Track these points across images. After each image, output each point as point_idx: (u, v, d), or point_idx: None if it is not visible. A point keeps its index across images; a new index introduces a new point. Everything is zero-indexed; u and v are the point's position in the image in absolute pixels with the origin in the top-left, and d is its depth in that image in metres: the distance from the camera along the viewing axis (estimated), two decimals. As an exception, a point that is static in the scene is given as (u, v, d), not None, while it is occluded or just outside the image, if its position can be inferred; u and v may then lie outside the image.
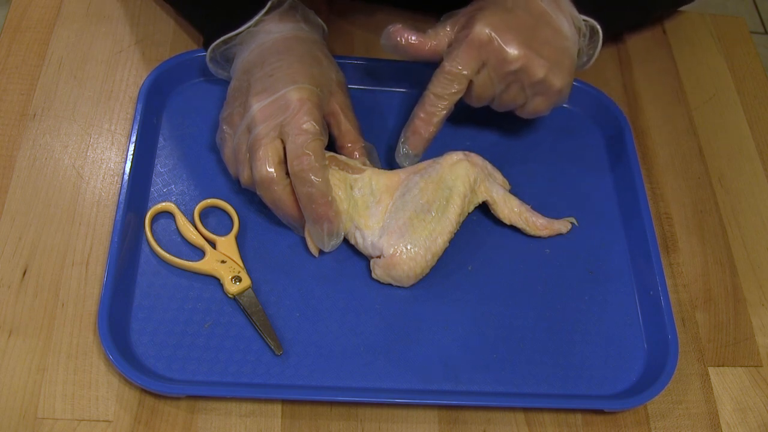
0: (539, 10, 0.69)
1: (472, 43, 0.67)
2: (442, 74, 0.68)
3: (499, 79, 0.69)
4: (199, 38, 0.79)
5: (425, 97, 0.69)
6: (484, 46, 0.67)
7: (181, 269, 0.68)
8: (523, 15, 0.69)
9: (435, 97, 0.69)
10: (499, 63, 0.68)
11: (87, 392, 0.62)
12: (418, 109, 0.70)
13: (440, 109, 0.69)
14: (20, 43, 0.79)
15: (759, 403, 0.69)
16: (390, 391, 0.64)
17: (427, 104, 0.69)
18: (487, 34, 0.67)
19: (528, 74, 0.68)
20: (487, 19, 0.67)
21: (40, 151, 0.73)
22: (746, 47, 0.92)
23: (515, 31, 0.68)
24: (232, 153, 0.68)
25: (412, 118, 0.70)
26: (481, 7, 0.69)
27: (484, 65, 0.68)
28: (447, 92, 0.69)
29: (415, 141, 0.70)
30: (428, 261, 0.68)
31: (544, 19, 0.69)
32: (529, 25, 0.68)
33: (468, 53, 0.67)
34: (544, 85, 0.69)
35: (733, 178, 0.82)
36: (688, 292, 0.74)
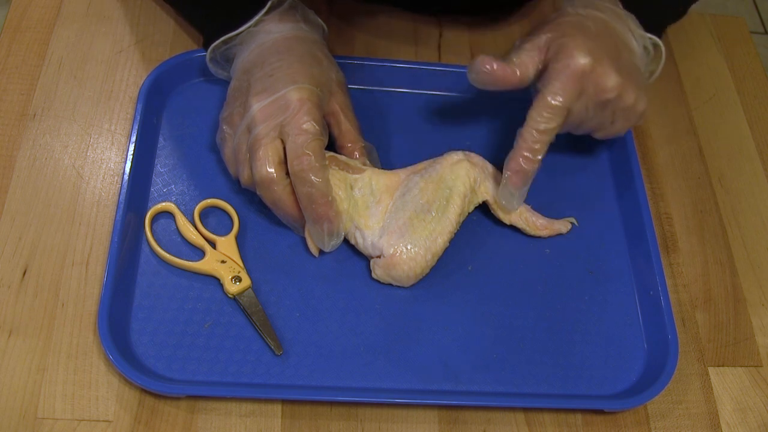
0: (615, 32, 0.69)
1: (575, 73, 0.65)
2: (544, 109, 0.66)
3: (593, 107, 0.68)
4: (199, 38, 0.79)
5: (525, 134, 0.67)
6: (585, 76, 0.65)
7: (181, 269, 0.68)
8: (607, 39, 0.67)
9: (538, 132, 0.66)
10: (598, 92, 0.66)
11: (87, 392, 0.62)
12: (520, 148, 0.67)
13: (543, 144, 0.67)
14: (20, 43, 0.79)
15: (759, 403, 0.69)
16: (390, 391, 0.64)
17: (530, 141, 0.66)
18: (590, 65, 0.65)
19: (622, 101, 0.68)
20: (584, 47, 0.65)
21: (40, 151, 0.73)
22: (746, 47, 0.92)
23: (609, 59, 0.66)
24: (232, 153, 0.68)
25: (515, 157, 0.67)
26: (566, 33, 0.67)
27: (582, 94, 0.66)
28: (550, 126, 0.66)
29: (518, 179, 0.68)
30: (428, 261, 0.68)
31: (622, 41, 0.69)
32: (615, 49, 0.67)
33: (571, 84, 0.65)
34: (632, 109, 0.69)
35: (733, 178, 0.82)
36: (688, 292, 0.74)
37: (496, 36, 0.88)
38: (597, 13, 0.69)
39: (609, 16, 0.70)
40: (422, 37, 0.87)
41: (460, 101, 0.81)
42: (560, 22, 0.69)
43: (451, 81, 0.81)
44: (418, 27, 0.87)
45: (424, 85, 0.81)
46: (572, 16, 0.69)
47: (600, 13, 0.70)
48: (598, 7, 0.70)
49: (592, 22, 0.68)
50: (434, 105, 0.81)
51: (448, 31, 0.88)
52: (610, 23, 0.69)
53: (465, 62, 0.84)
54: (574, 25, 0.68)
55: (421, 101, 0.81)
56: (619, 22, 0.70)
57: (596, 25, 0.68)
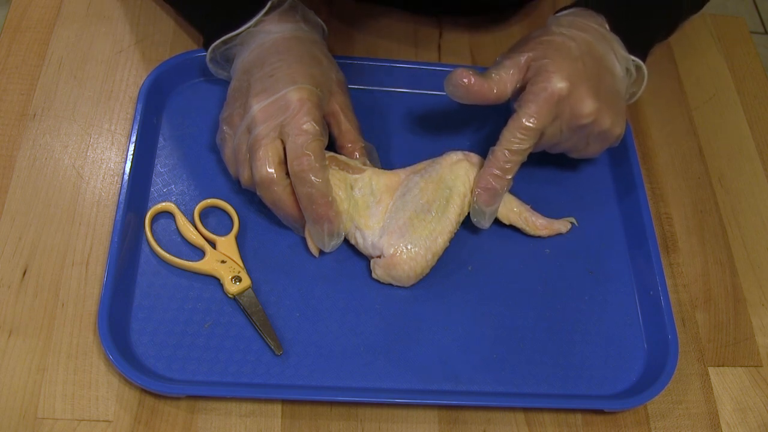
0: (599, 55, 0.68)
1: (551, 97, 0.65)
2: (517, 130, 0.65)
3: (568, 131, 0.68)
4: (199, 38, 0.79)
5: (498, 153, 0.66)
6: (562, 101, 0.65)
7: (181, 269, 0.68)
8: (589, 62, 0.67)
9: (509, 152, 0.66)
10: (573, 117, 0.66)
11: (87, 392, 0.62)
12: (490, 166, 0.67)
13: (513, 164, 0.67)
14: (20, 43, 0.79)
15: (759, 403, 0.69)
16: (390, 391, 0.64)
17: (501, 160, 0.66)
18: (567, 90, 0.65)
19: (597, 126, 0.68)
20: (563, 72, 0.65)
21: (40, 151, 0.73)
22: (746, 47, 0.93)
23: (587, 84, 0.66)
24: (232, 153, 0.68)
25: (485, 175, 0.67)
26: (547, 54, 0.67)
27: (556, 118, 0.66)
28: (522, 147, 0.66)
29: (487, 197, 0.68)
30: (428, 261, 0.68)
31: (603, 64, 0.68)
32: (595, 73, 0.67)
33: (546, 109, 0.65)
34: (607, 133, 0.69)
35: (733, 178, 0.82)
36: (688, 292, 0.74)
37: (496, 36, 0.88)
38: (581, 34, 0.68)
39: (593, 36, 0.69)
40: (422, 37, 0.87)
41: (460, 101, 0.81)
42: (543, 40, 0.68)
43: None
44: (418, 27, 0.87)
45: (424, 85, 0.81)
46: (556, 36, 0.68)
47: (584, 34, 0.69)
48: (583, 27, 0.69)
49: (575, 43, 0.68)
50: (434, 105, 0.81)
51: (448, 31, 0.88)
52: (593, 45, 0.68)
53: (465, 63, 0.85)
54: (556, 46, 0.67)
55: (421, 101, 0.81)
56: (603, 44, 0.69)
57: (579, 46, 0.67)
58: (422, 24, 0.88)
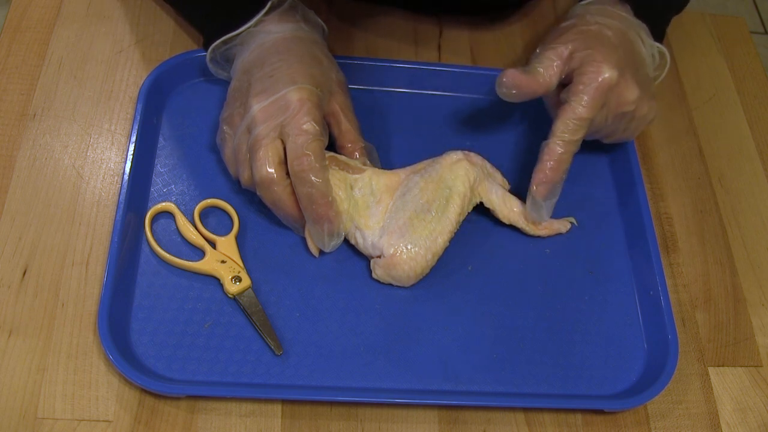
0: (631, 41, 0.70)
1: (602, 88, 0.66)
2: (571, 120, 0.67)
3: (613, 117, 0.69)
4: (199, 38, 0.79)
5: (553, 144, 0.67)
6: (611, 89, 0.67)
7: (181, 269, 0.68)
8: (627, 50, 0.69)
9: (564, 143, 0.67)
10: (619, 104, 0.68)
11: (87, 392, 0.62)
12: (547, 157, 0.68)
13: (569, 154, 0.68)
14: (20, 43, 0.79)
15: (759, 403, 0.69)
16: (390, 391, 0.64)
17: (556, 152, 0.67)
18: (617, 79, 0.66)
19: (638, 112, 0.70)
20: (611, 61, 0.67)
21: (40, 151, 0.73)
22: (746, 47, 0.92)
23: (630, 72, 0.68)
24: (232, 153, 0.68)
25: (542, 169, 0.68)
26: (590, 44, 0.68)
27: (604, 105, 0.68)
28: (576, 137, 0.67)
29: (545, 190, 0.69)
30: (428, 261, 0.68)
31: (636, 51, 0.70)
32: (633, 60, 0.69)
33: (598, 98, 0.66)
34: (644, 119, 0.71)
35: (733, 178, 0.82)
36: (688, 292, 0.74)
37: (496, 36, 0.88)
38: (614, 23, 0.70)
39: (624, 24, 0.71)
40: (422, 37, 0.87)
41: (460, 101, 0.81)
42: (581, 30, 0.69)
43: (451, 81, 0.81)
44: (418, 27, 0.87)
45: (424, 85, 0.81)
46: (593, 25, 0.70)
47: (617, 22, 0.70)
48: (613, 15, 0.71)
49: (611, 32, 0.69)
50: (434, 105, 0.81)
51: (448, 31, 0.88)
52: (625, 33, 0.70)
53: (465, 62, 0.85)
54: (595, 35, 0.69)
55: (421, 101, 0.81)
56: (632, 31, 0.71)
57: (615, 35, 0.69)
58: (422, 23, 0.88)
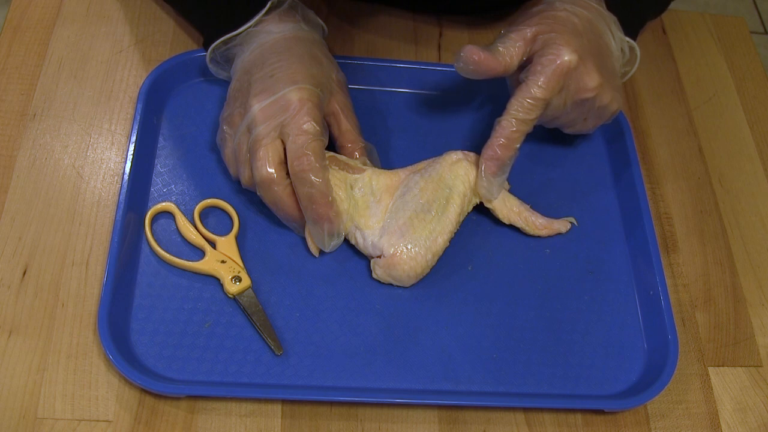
0: (598, 32, 0.70)
1: (561, 69, 0.66)
2: (525, 99, 0.67)
3: (571, 104, 0.69)
4: (199, 38, 0.79)
5: (505, 122, 0.67)
6: (569, 73, 0.66)
7: (181, 269, 0.68)
8: (593, 39, 0.69)
9: (517, 121, 0.67)
10: (578, 90, 0.68)
11: (87, 392, 0.62)
12: (497, 134, 0.68)
13: (520, 133, 0.68)
14: (20, 43, 0.79)
15: (759, 403, 0.69)
16: (390, 391, 0.64)
17: (508, 129, 0.67)
18: (576, 62, 0.66)
19: (598, 100, 0.69)
20: (572, 45, 0.66)
21: (40, 151, 0.73)
22: (746, 47, 0.93)
23: (593, 58, 0.68)
24: (232, 153, 0.68)
25: (492, 145, 0.68)
26: (555, 29, 0.68)
27: (562, 90, 0.68)
28: (529, 117, 0.67)
29: (494, 166, 0.68)
30: (428, 260, 0.68)
31: (604, 42, 0.70)
32: (598, 49, 0.69)
33: (555, 79, 0.66)
34: (605, 109, 0.71)
35: (733, 178, 0.82)
36: (688, 292, 0.74)
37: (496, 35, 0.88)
38: (583, 11, 0.70)
39: (593, 14, 0.70)
40: (422, 37, 0.87)
41: (460, 101, 0.81)
42: (548, 15, 0.69)
43: (451, 81, 0.81)
44: (418, 27, 0.87)
45: (424, 85, 0.81)
46: (560, 11, 0.70)
47: (585, 11, 0.70)
48: (584, 5, 0.71)
49: (578, 19, 0.69)
50: (434, 105, 0.81)
51: (448, 31, 0.88)
52: (594, 22, 0.70)
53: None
54: (562, 20, 0.69)
55: (421, 101, 0.81)
56: (602, 22, 0.71)
57: (583, 23, 0.69)
58: (422, 23, 0.88)
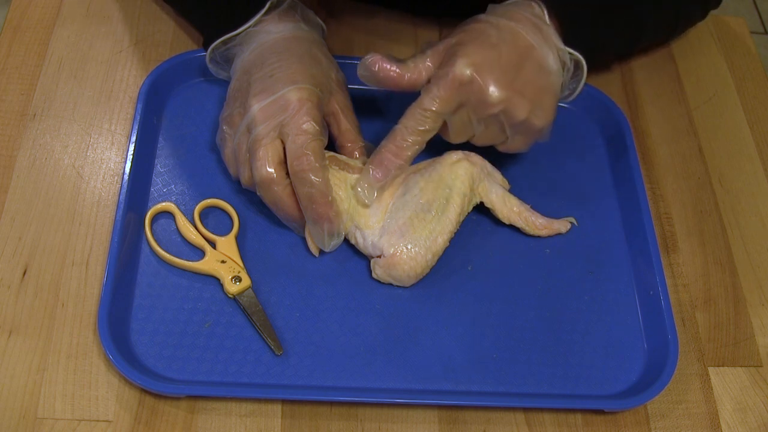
0: (525, 44, 0.66)
1: (453, 82, 0.64)
2: (417, 109, 0.65)
3: (478, 120, 0.67)
4: (199, 38, 0.79)
5: (396, 131, 0.66)
6: (464, 86, 0.64)
7: (181, 269, 0.68)
8: (507, 51, 0.66)
9: (407, 131, 0.66)
10: (479, 105, 0.65)
11: (87, 392, 0.62)
12: (387, 142, 0.67)
13: (410, 144, 0.66)
14: (20, 43, 0.79)
15: (759, 403, 0.69)
16: (390, 391, 0.64)
17: (398, 137, 0.66)
18: (468, 75, 0.64)
19: (509, 116, 0.66)
20: (470, 57, 0.64)
21: (40, 151, 0.73)
22: (746, 47, 0.93)
23: (498, 72, 0.64)
24: (232, 153, 0.68)
25: (380, 150, 0.67)
26: (463, 41, 0.66)
27: (463, 105, 0.66)
28: (420, 128, 0.65)
29: (380, 174, 0.67)
30: (429, 260, 0.68)
31: (529, 54, 0.66)
32: (512, 62, 0.65)
33: (447, 92, 0.64)
34: (525, 125, 0.67)
35: (733, 178, 0.82)
36: (688, 292, 0.74)
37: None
38: (509, 23, 0.67)
39: (524, 26, 0.67)
40: (422, 37, 0.87)
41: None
42: (465, 28, 0.68)
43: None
44: (418, 27, 0.87)
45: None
46: (479, 23, 0.68)
47: (513, 23, 0.67)
48: (515, 16, 0.68)
49: (497, 30, 0.66)
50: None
51: (448, 31, 0.87)
52: (520, 33, 0.67)
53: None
54: (474, 32, 0.67)
55: (421, 101, 0.81)
56: (534, 33, 0.67)
57: (501, 34, 0.66)
58: (422, 24, 0.88)
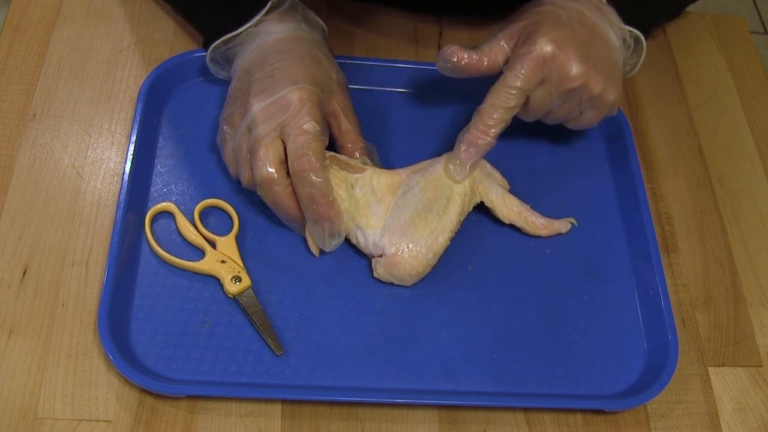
0: (591, 23, 0.69)
1: (537, 59, 0.66)
2: (503, 87, 0.67)
3: (557, 95, 0.68)
4: (199, 38, 0.79)
5: (483, 110, 0.68)
6: (547, 62, 0.66)
7: (181, 269, 0.68)
8: (579, 30, 0.68)
9: (493, 108, 0.67)
10: (561, 80, 0.67)
11: (87, 392, 0.62)
12: (475, 121, 0.68)
13: (497, 121, 0.67)
14: (20, 43, 0.79)
15: (759, 403, 0.69)
16: (390, 391, 0.64)
17: (485, 115, 0.67)
18: (551, 51, 0.66)
19: (587, 90, 0.68)
20: (550, 35, 0.66)
21: (40, 151, 0.73)
22: (746, 47, 0.93)
23: (575, 47, 0.67)
24: (232, 153, 0.68)
25: (470, 130, 0.68)
26: (537, 21, 0.68)
27: (544, 81, 0.67)
28: (507, 105, 0.67)
29: (469, 153, 0.68)
30: (430, 259, 0.68)
31: (597, 33, 0.69)
32: (585, 40, 0.68)
33: (531, 69, 0.66)
34: (599, 99, 0.70)
35: (733, 178, 0.82)
36: (688, 292, 0.74)
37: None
38: (573, 4, 0.70)
39: (586, 7, 0.70)
40: (422, 37, 0.87)
41: (460, 101, 0.81)
42: (535, 11, 0.70)
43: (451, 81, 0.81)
44: (418, 27, 0.87)
45: (424, 85, 0.81)
46: (547, 5, 0.70)
47: (576, 4, 0.70)
48: None
49: (565, 11, 0.69)
50: (434, 105, 0.81)
51: (448, 31, 0.88)
52: (585, 14, 0.70)
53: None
54: (546, 14, 0.69)
55: (421, 101, 0.81)
56: (597, 13, 0.70)
57: (569, 14, 0.69)
58: (422, 23, 0.88)
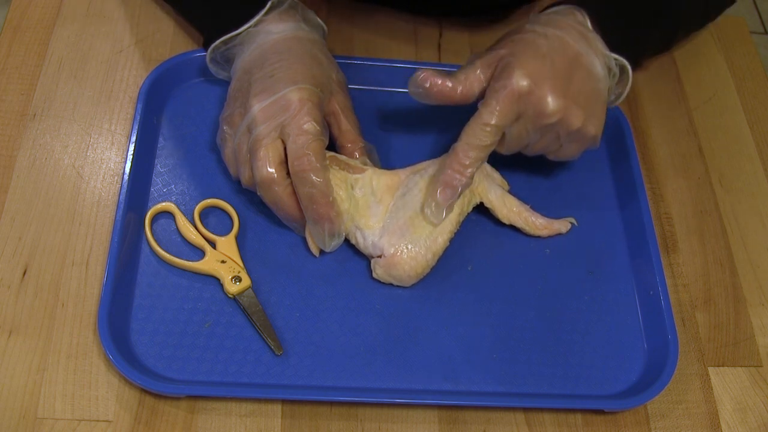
0: (573, 52, 0.67)
1: (512, 94, 0.64)
2: (478, 124, 0.65)
3: (534, 130, 0.66)
4: (199, 38, 0.79)
5: (458, 148, 0.66)
6: (523, 97, 0.64)
7: (181, 269, 0.68)
8: (559, 60, 0.66)
9: (469, 147, 0.65)
10: (537, 116, 0.65)
11: (87, 392, 0.62)
12: (450, 160, 0.66)
13: (474, 160, 0.65)
14: (20, 43, 0.79)
15: (759, 403, 0.69)
16: (390, 391, 0.64)
17: (461, 154, 0.65)
18: (527, 86, 0.64)
19: (565, 125, 0.66)
20: (526, 68, 0.64)
21: (40, 151, 0.73)
22: (746, 47, 0.92)
23: (553, 81, 0.65)
24: (232, 153, 0.68)
25: (444, 169, 0.66)
26: (515, 52, 0.66)
27: (521, 116, 0.65)
28: (482, 144, 0.65)
29: (446, 195, 0.66)
30: (429, 260, 0.68)
31: (579, 63, 0.67)
32: (564, 71, 0.66)
33: (507, 105, 0.64)
34: (579, 134, 0.67)
35: (733, 178, 0.82)
36: (688, 292, 0.74)
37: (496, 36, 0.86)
38: (555, 31, 0.67)
39: (570, 34, 0.67)
40: (422, 37, 0.87)
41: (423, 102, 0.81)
42: (514, 39, 0.67)
43: (451, 81, 0.81)
44: (418, 27, 0.87)
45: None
46: (527, 33, 0.67)
47: (559, 31, 0.67)
48: (560, 24, 0.68)
49: (545, 39, 0.66)
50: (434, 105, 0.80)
51: (448, 31, 0.88)
52: (568, 42, 0.67)
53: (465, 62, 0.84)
54: (525, 43, 0.66)
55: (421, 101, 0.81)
56: (581, 42, 0.67)
57: (550, 43, 0.66)
58: (422, 24, 0.88)
